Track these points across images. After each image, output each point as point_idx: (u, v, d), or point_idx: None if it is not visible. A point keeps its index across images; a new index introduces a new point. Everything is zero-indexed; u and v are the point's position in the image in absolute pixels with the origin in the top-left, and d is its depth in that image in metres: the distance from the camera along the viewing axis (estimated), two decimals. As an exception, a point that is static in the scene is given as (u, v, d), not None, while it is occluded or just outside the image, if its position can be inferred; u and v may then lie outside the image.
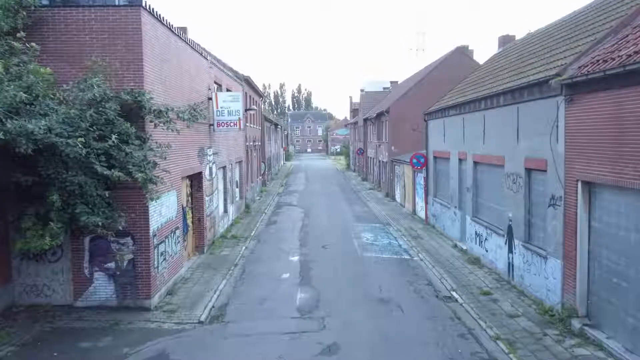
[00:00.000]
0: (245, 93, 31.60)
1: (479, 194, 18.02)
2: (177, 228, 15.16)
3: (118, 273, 12.72)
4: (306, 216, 28.33)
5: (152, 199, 11.90)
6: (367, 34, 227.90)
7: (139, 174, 10.96)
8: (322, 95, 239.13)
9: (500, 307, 12.93)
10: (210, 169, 20.25)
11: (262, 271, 16.62)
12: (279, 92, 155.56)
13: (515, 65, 16.90)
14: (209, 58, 20.42)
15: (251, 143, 34.26)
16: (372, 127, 47.15)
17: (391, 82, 60.07)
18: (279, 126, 68.08)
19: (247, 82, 31.98)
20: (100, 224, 10.89)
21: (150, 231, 12.77)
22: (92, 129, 10.71)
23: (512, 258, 14.66)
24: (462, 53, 35.90)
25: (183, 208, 17.06)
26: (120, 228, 12.01)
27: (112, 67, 11.97)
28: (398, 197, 33.99)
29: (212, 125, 20.10)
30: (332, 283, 15.25)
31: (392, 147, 36.15)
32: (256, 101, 38.32)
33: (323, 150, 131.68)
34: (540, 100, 12.70)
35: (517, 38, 23.99)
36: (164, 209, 13.85)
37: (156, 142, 12.42)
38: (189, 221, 18.25)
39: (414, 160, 26.03)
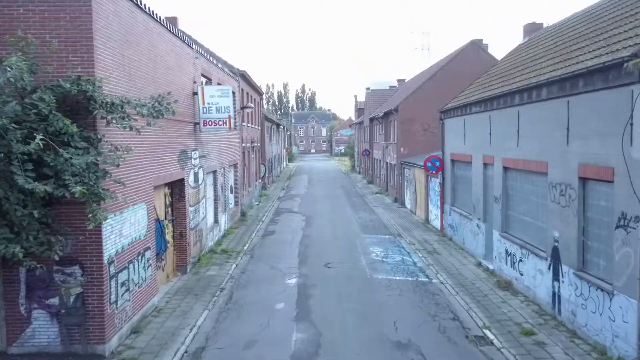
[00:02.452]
0: (242, 89, 28.86)
1: (511, 205, 15.20)
2: (147, 249, 12.41)
3: (63, 311, 9.96)
4: (308, 225, 25.54)
5: (97, 221, 9.02)
6: (371, 34, 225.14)
7: (77, 188, 8.18)
8: (326, 96, 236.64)
9: (551, 355, 10.12)
10: (196, 174, 17.52)
11: (253, 299, 13.83)
12: (283, 92, 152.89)
13: (556, 52, 14.09)
14: (194, 47, 17.69)
15: (249, 144, 31.49)
16: (378, 127, 44.34)
17: (398, 81, 57.37)
18: (281, 126, 65.25)
19: (244, 77, 29.20)
20: (21, 255, 8.08)
21: (105, 257, 10.02)
22: (14, 127, 7.99)
23: (559, 288, 11.84)
24: (477, 47, 32.94)
25: (159, 222, 14.35)
26: (57, 258, 9.23)
27: (50, 47, 9.25)
28: (408, 203, 31.18)
29: (198, 124, 17.44)
30: (336, 317, 12.45)
31: (401, 149, 33.37)
32: (255, 99, 35.54)
33: (327, 151, 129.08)
34: (603, 90, 9.89)
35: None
36: (126, 227, 11.11)
37: (111, 145, 9.71)
38: (169, 237, 15.52)
39: (428, 164, 23.16)
